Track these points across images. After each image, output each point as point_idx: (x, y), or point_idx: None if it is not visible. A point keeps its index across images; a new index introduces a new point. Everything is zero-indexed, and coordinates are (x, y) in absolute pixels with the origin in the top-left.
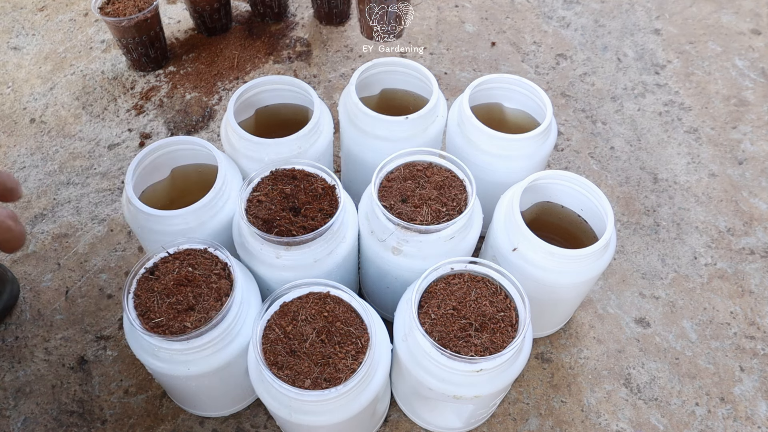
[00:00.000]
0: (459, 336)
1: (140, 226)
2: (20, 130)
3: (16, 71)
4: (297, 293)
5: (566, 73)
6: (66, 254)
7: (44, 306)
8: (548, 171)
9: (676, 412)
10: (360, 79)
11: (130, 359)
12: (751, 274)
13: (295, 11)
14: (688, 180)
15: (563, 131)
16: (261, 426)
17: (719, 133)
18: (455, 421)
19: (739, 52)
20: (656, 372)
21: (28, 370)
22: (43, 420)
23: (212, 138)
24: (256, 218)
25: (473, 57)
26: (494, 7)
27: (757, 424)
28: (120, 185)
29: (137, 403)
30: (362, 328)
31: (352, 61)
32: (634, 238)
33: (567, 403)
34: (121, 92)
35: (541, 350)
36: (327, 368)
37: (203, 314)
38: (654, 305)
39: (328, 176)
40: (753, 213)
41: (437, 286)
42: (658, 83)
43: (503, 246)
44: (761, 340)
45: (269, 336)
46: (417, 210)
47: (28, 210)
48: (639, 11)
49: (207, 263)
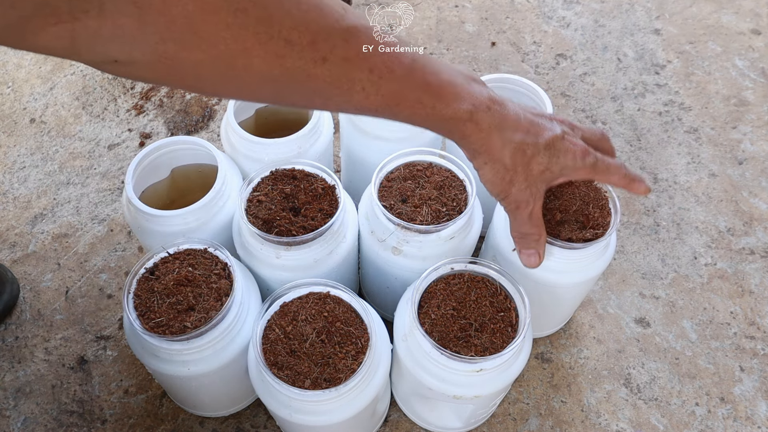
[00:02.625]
0: (459, 336)
1: (140, 226)
2: (20, 130)
3: (16, 71)
4: (297, 293)
5: (566, 73)
6: (66, 254)
7: (44, 306)
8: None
9: (676, 412)
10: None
11: (130, 359)
12: (751, 274)
13: None
14: (688, 180)
15: None
16: (261, 426)
17: (719, 133)
18: (455, 421)
19: (739, 52)
20: (656, 372)
21: (28, 370)
22: (43, 420)
23: (212, 138)
24: (256, 218)
25: (473, 57)
26: (494, 7)
27: (757, 424)
28: (120, 185)
29: (137, 403)
30: (362, 328)
31: None
32: (634, 238)
33: (567, 403)
34: (121, 92)
35: (541, 350)
36: (327, 368)
37: (203, 314)
38: (654, 305)
39: (328, 176)
40: (753, 213)
41: (437, 286)
42: (658, 83)
43: (503, 246)
44: (761, 340)
45: (269, 336)
46: (417, 210)
47: (28, 210)
48: (639, 11)
49: (207, 263)
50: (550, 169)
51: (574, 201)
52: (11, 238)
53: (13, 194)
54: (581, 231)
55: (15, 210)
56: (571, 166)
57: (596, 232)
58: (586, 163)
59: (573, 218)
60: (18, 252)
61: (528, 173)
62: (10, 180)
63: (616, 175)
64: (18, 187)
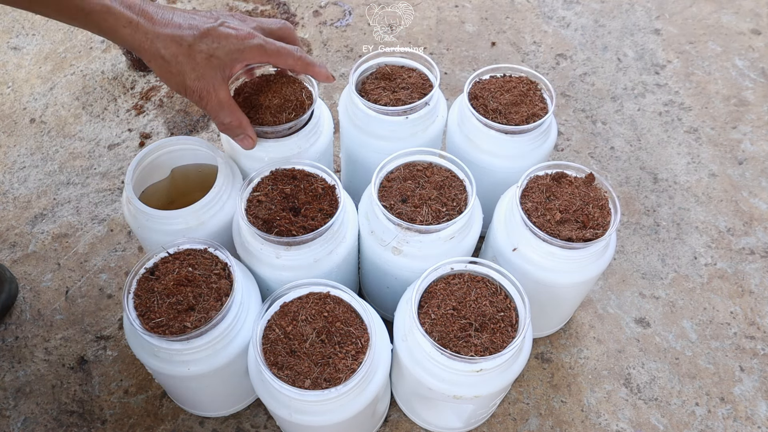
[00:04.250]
0: (459, 336)
1: (140, 226)
2: (20, 130)
3: (16, 71)
4: (297, 293)
5: (566, 73)
6: (66, 254)
7: (44, 306)
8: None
9: (676, 412)
10: None
11: (130, 359)
12: (751, 274)
13: (295, 11)
14: (688, 180)
15: (563, 131)
16: (261, 426)
17: (719, 133)
18: (455, 421)
19: (739, 52)
20: (656, 372)
21: (28, 370)
22: (43, 420)
23: (212, 138)
24: (256, 218)
25: (473, 57)
26: (494, 7)
27: (757, 424)
28: (120, 185)
29: (137, 403)
30: (362, 328)
31: (352, 61)
32: (634, 238)
33: (567, 403)
34: (121, 92)
35: (541, 350)
36: (327, 368)
37: (203, 314)
38: (654, 305)
39: (328, 176)
40: (753, 213)
41: (437, 286)
42: (658, 83)
43: (503, 246)
44: (761, 340)
45: (269, 336)
46: (417, 210)
47: (28, 210)
48: (639, 11)
49: (207, 263)
50: (215, 55)
51: (574, 201)
52: (11, 238)
53: (13, 194)
54: (581, 231)
55: (15, 210)
56: (237, 48)
57: (596, 232)
58: (251, 44)
59: (573, 218)
60: (18, 252)
61: (194, 63)
62: (10, 180)
63: (290, 58)
64: (18, 187)
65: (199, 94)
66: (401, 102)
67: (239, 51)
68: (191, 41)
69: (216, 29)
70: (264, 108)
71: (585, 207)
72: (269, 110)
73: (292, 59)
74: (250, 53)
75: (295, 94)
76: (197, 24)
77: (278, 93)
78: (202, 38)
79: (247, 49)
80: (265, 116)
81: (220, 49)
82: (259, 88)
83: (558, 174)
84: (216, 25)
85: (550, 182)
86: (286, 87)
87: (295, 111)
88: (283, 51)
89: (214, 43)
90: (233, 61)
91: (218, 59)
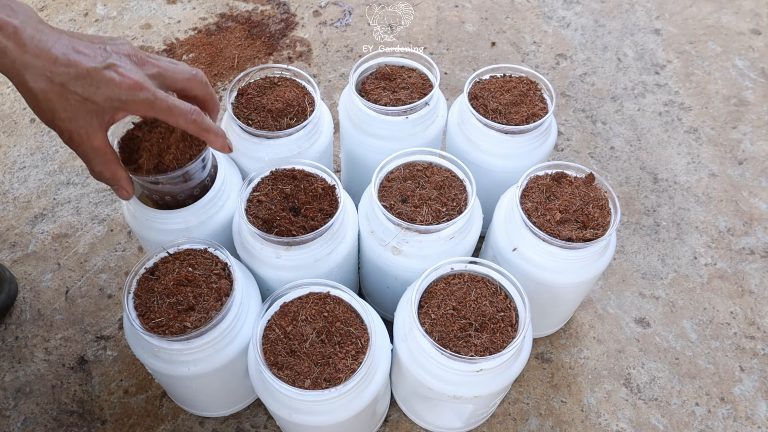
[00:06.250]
0: (459, 336)
1: (140, 226)
2: (20, 130)
3: None
4: (297, 293)
5: (566, 73)
6: (66, 254)
7: (44, 306)
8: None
9: (676, 412)
10: None
11: (130, 359)
12: (751, 274)
13: (295, 11)
14: (688, 180)
15: (563, 131)
16: (261, 426)
17: (719, 133)
18: (455, 421)
19: (739, 52)
20: (656, 372)
21: (28, 370)
22: (43, 420)
23: None
24: (256, 218)
25: (473, 57)
26: (494, 7)
27: (757, 424)
28: None
29: (137, 403)
30: (362, 328)
31: (352, 61)
32: (634, 238)
33: (567, 403)
34: None
35: (541, 350)
36: (327, 368)
37: (203, 314)
38: (654, 305)
39: (328, 176)
40: (753, 213)
41: (437, 286)
42: (658, 83)
43: (503, 246)
44: (761, 340)
45: (269, 336)
46: (417, 210)
47: (28, 210)
48: (639, 11)
49: (207, 263)
50: (91, 99)
51: (574, 201)
52: (11, 238)
53: (13, 194)
54: (581, 231)
55: (15, 210)
56: (119, 98)
57: (596, 232)
58: (137, 98)
59: (573, 218)
60: (18, 252)
61: (65, 104)
62: (10, 180)
63: (181, 119)
64: (18, 187)
65: (69, 135)
66: (401, 102)
67: (121, 101)
68: (64, 80)
69: (99, 72)
70: (266, 111)
71: (585, 207)
72: (271, 114)
73: (185, 121)
74: (134, 106)
75: (297, 100)
76: (78, 61)
77: (281, 97)
78: (79, 79)
79: (131, 102)
80: (266, 120)
81: (98, 94)
82: (262, 90)
83: (558, 174)
84: (100, 67)
85: (550, 182)
86: (290, 91)
87: (297, 117)
88: (176, 110)
89: (92, 87)
90: (114, 109)
91: (95, 104)
